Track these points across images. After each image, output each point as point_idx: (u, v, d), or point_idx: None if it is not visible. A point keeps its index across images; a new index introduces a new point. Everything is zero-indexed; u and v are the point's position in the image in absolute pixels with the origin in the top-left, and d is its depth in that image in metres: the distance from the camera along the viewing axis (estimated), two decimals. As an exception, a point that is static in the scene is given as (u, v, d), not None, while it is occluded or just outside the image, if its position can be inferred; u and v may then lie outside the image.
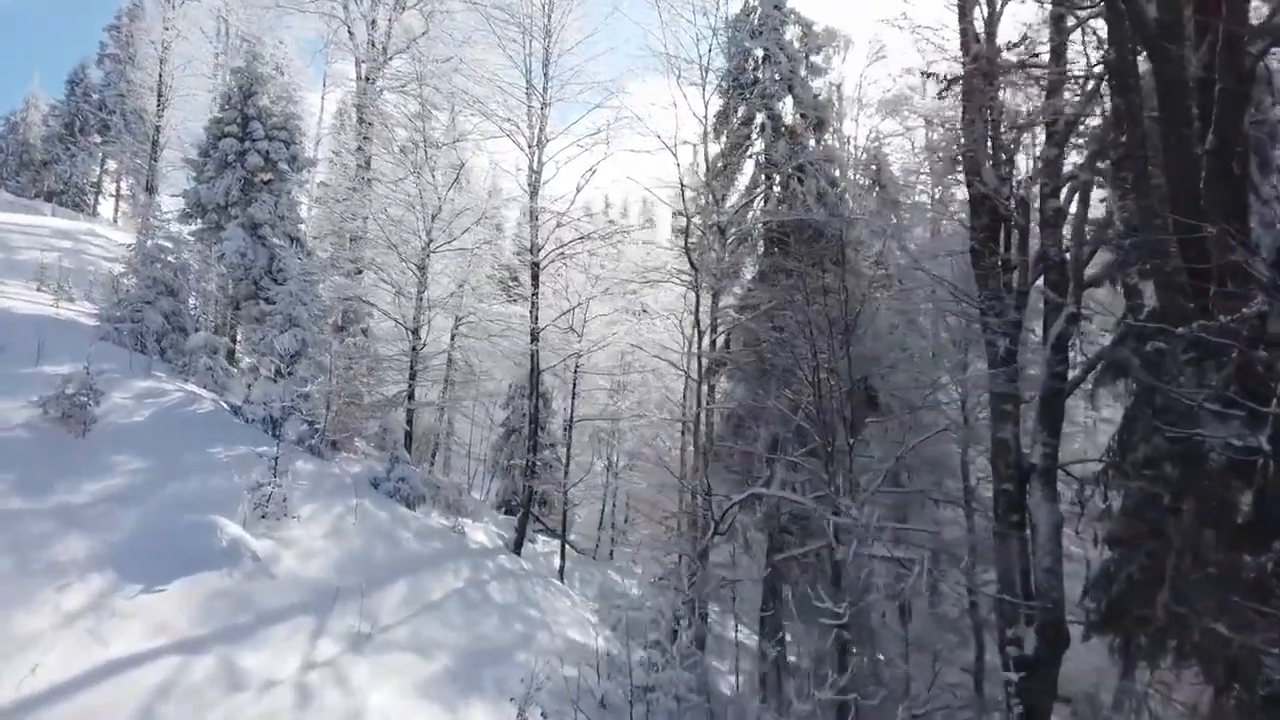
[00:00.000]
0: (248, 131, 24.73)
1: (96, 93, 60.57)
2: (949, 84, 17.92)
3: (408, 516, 17.67)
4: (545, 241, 21.87)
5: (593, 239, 22.20)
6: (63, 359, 16.33)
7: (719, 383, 22.45)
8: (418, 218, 22.59)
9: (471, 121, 23.87)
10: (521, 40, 22.14)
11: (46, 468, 12.38)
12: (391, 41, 27.27)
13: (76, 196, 59.79)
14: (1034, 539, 16.39)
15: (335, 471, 17.80)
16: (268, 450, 16.33)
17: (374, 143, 27.69)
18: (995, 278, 17.38)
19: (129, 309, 19.92)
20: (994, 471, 17.02)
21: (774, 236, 23.83)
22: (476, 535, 19.31)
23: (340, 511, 15.68)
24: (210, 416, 17.03)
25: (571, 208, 22.53)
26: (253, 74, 25.18)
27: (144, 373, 17.46)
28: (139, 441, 14.34)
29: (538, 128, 22.13)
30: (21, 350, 15.69)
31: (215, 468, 14.77)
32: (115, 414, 14.74)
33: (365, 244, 25.62)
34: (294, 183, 25.26)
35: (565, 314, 22.17)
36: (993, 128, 17.99)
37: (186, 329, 20.96)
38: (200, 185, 24.35)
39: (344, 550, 14.27)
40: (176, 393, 17.25)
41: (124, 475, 13.17)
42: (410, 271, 23.92)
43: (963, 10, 18.21)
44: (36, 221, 35.22)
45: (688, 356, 22.07)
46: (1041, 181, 17.24)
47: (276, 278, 24.17)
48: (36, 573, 9.88)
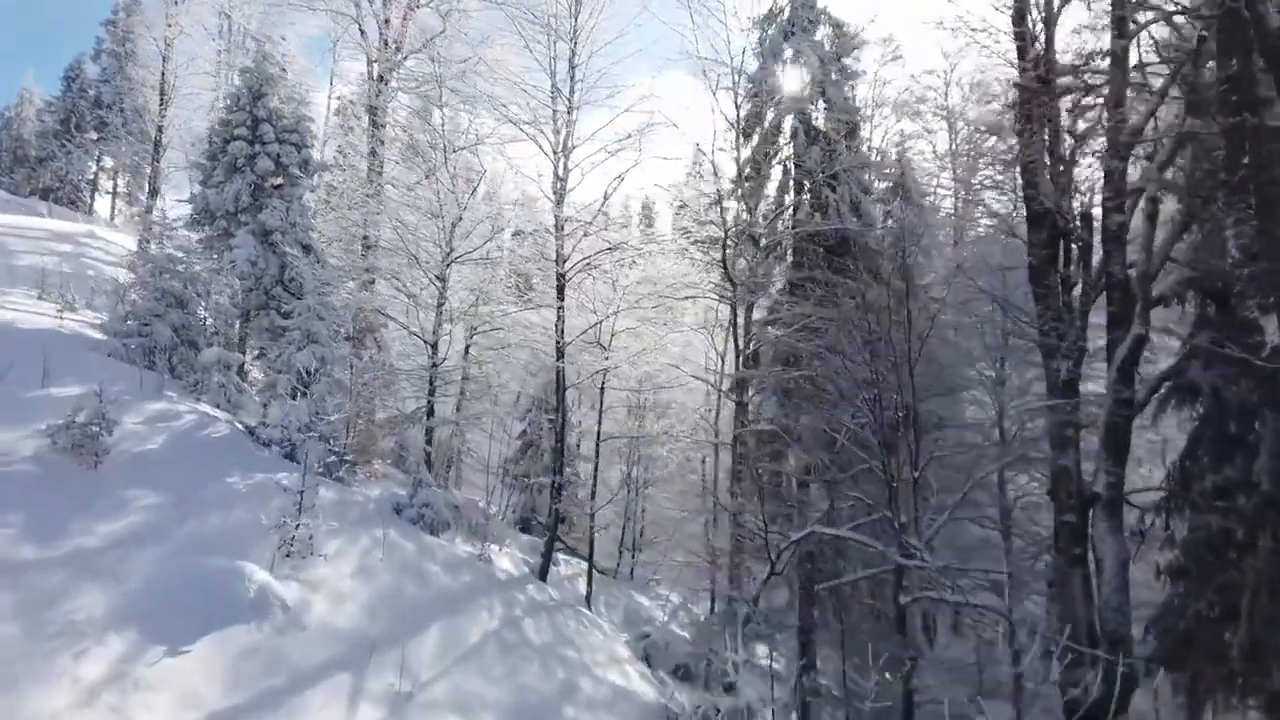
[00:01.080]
0: (258, 134, 23.69)
1: (93, 88, 59.46)
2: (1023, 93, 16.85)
3: (433, 546, 16.75)
4: (571, 252, 20.92)
5: (622, 249, 21.18)
6: (70, 379, 15.42)
7: (751, 400, 21.50)
8: (437, 226, 21.58)
9: (490, 125, 22.81)
10: (546, 41, 21.15)
11: (57, 507, 11.45)
12: (406, 40, 26.27)
13: (72, 194, 58.68)
14: (1098, 574, 15.55)
15: (358, 498, 16.87)
16: (288, 479, 15.48)
17: (386, 146, 26.77)
18: (1055, 296, 16.52)
19: (137, 322, 18.97)
20: (1055, 502, 16.12)
21: (804, 247, 22.96)
22: (502, 563, 18.40)
23: (366, 545, 14.77)
24: (226, 441, 16.09)
25: (598, 216, 21.55)
26: (262, 74, 24.14)
27: (155, 393, 16.52)
28: (154, 473, 13.40)
29: (563, 133, 21.16)
30: (26, 371, 14.74)
31: (235, 500, 13.85)
32: (128, 441, 13.79)
33: (379, 252, 24.62)
34: (306, 187, 24.25)
35: (592, 328, 21.21)
36: (1051, 138, 17.11)
37: (197, 343, 20.01)
38: (209, 190, 23.32)
39: (373, 590, 13.35)
40: (190, 415, 16.31)
41: (139, 513, 12.24)
42: (429, 282, 22.94)
43: (1019, 13, 17.30)
44: (34, 224, 34.23)
45: (720, 374, 21.17)
46: (1104, 195, 16.33)
47: (289, 287, 23.18)
48: (51, 636, 8.96)
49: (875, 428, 13.24)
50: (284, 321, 19.16)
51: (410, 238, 21.58)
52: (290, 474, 15.85)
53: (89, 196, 60.86)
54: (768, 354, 22.34)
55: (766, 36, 25.23)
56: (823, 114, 24.20)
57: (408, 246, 21.52)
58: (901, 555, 12.79)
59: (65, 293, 24.85)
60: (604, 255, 21.26)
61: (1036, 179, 16.67)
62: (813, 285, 21.53)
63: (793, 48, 24.26)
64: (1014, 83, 17.27)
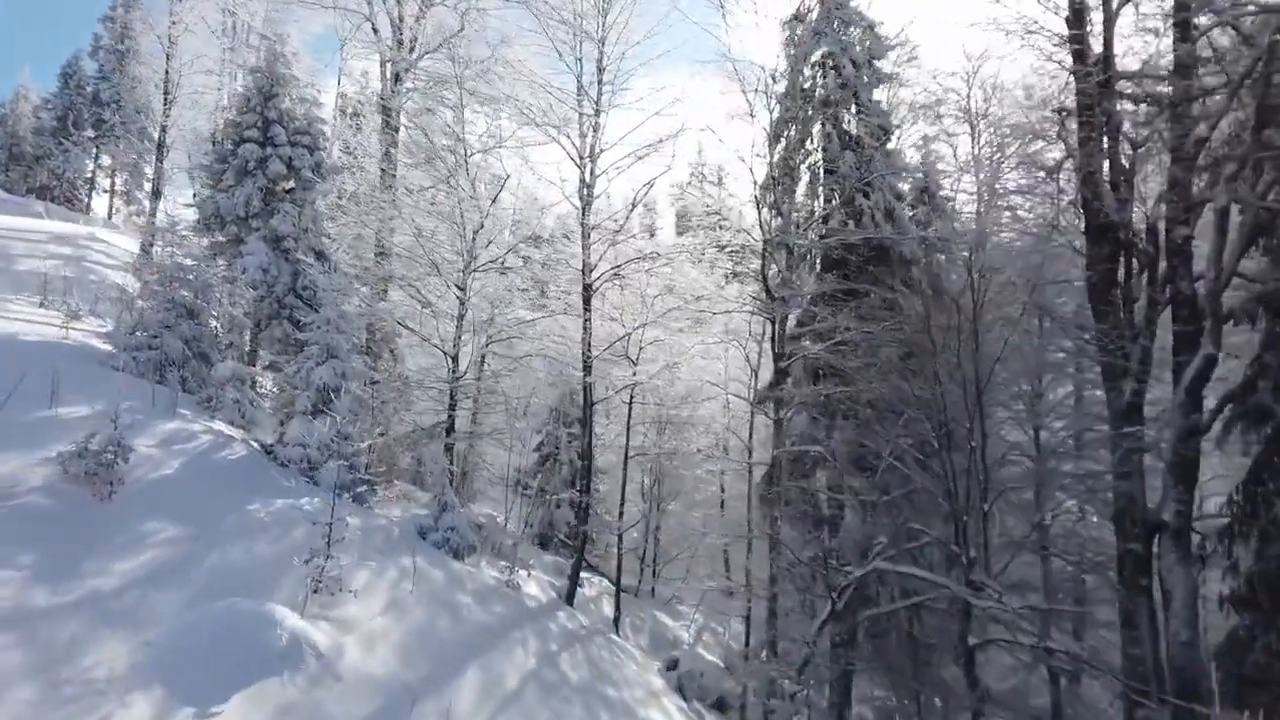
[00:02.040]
0: (269, 136, 22.82)
1: (90, 85, 58.48)
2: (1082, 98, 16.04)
3: (461, 574, 15.91)
4: (598, 261, 20.06)
5: (652, 258, 20.28)
6: (79, 397, 14.61)
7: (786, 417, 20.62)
8: (457, 233, 20.71)
9: (510, 128, 21.93)
10: (573, 42, 20.29)
11: (70, 543, 10.61)
12: (421, 39, 25.39)
13: (69, 192, 57.71)
14: (1166, 605, 14.77)
15: (381, 523, 16.02)
16: (310, 504, 14.66)
17: (400, 148, 25.89)
18: (1117, 313, 15.74)
19: (146, 334, 18.10)
20: (1118, 530, 15.33)
21: (840, 257, 22.12)
22: (529, 588, 17.56)
23: (394, 576, 13.93)
24: (244, 464, 15.22)
25: (626, 223, 20.70)
26: (273, 74, 23.26)
27: (168, 411, 15.65)
28: (171, 502, 12.54)
29: (590, 136, 20.29)
30: (33, 389, 13.85)
31: (257, 530, 13.01)
32: (142, 466, 12.92)
33: (394, 259, 23.74)
34: (319, 192, 23.37)
35: (620, 340, 20.35)
36: (1111, 146, 16.32)
37: (208, 355, 19.15)
38: (218, 195, 22.43)
39: (406, 628, 12.51)
40: (205, 435, 15.44)
41: (158, 547, 11.38)
42: (445, 290, 22.09)
43: (1077, 13, 16.52)
44: (33, 225, 33.26)
45: (753, 388, 20.33)
46: (1168, 206, 15.54)
47: (302, 295, 22.34)
48: (69, 699, 8.13)
49: (940, 457, 12.40)
50: (301, 335, 18.28)
51: (430, 245, 20.67)
52: (312, 498, 15.09)
53: (86, 195, 59.90)
54: (799, 368, 21.51)
55: (795, 37, 24.41)
56: (854, 118, 23.36)
57: (428, 254, 20.60)
58: (970, 592, 11.95)
59: (68, 299, 24.01)
60: (633, 264, 20.36)
61: (1099, 189, 15.88)
62: (848, 296, 20.73)
63: (824, 48, 23.42)
64: (1077, 88, 16.42)
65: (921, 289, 19.48)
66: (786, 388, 20.13)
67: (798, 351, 19.92)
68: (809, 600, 19.16)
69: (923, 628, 19.48)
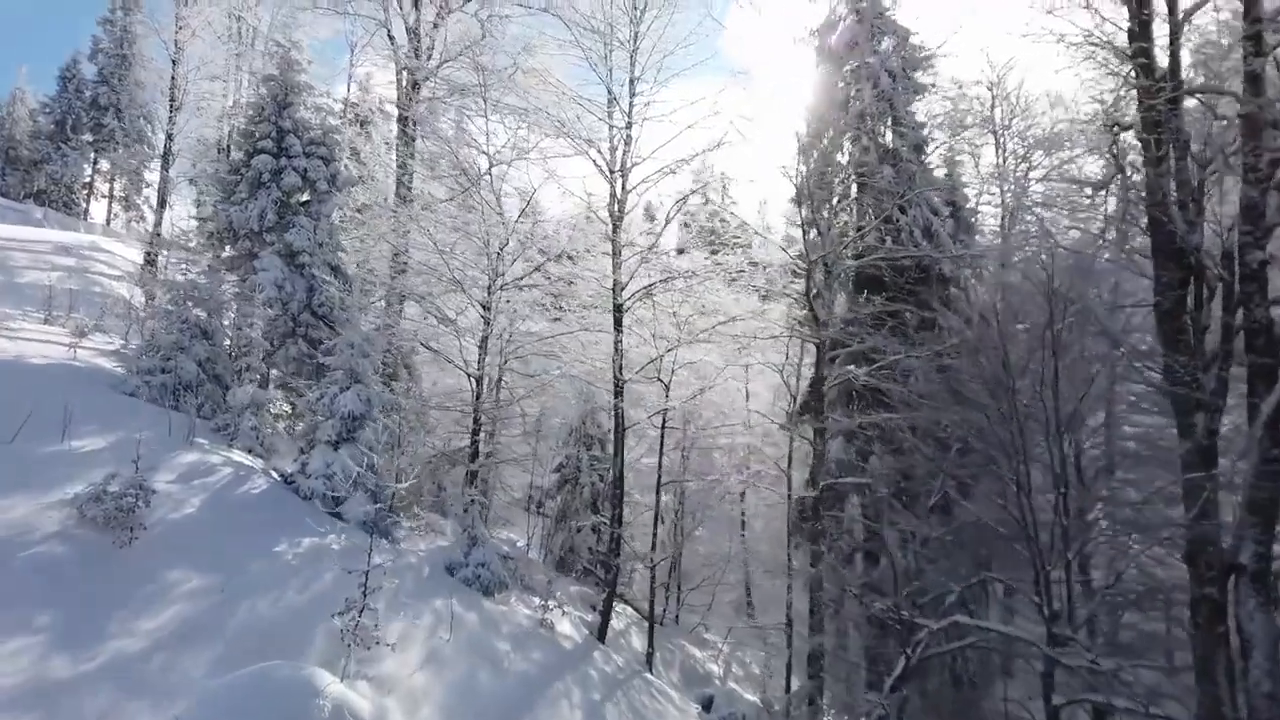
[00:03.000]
0: (283, 147, 21.98)
1: (89, 89, 57.65)
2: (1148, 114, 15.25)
3: (495, 614, 15.07)
4: (629, 279, 19.21)
5: (687, 277, 19.36)
6: (91, 427, 13.80)
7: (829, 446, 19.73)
8: (481, 250, 19.87)
9: (533, 139, 21.03)
10: (603, 52, 19.44)
11: (91, 600, 9.76)
12: (441, 47, 24.57)
13: (66, 196, 56.87)
14: (1244, 655, 13.93)
15: (411, 560, 15.20)
16: (338, 542, 13.85)
17: (417, 159, 25.08)
18: (1186, 342, 14.91)
19: (158, 356, 17.23)
20: (1191, 573, 14.49)
21: (871, 275, 21.35)
22: (563, 626, 16.71)
23: (430, 623, 13.10)
24: (266, 498, 14.37)
25: (659, 240, 19.87)
26: (287, 82, 22.44)
27: (184, 441, 14.79)
28: (194, 546, 11.69)
29: (620, 149, 19.44)
30: (43, 419, 13.02)
31: (286, 576, 12.16)
32: (162, 506, 12.06)
33: (412, 275, 22.89)
34: (334, 205, 22.52)
35: (652, 362, 19.49)
36: (1178, 166, 15.51)
37: (222, 377, 18.31)
38: (231, 207, 21.55)
39: (447, 685, 11.68)
40: (224, 467, 14.58)
41: (184, 601, 10.52)
42: (466, 306, 21.27)
43: (1143, 25, 15.71)
44: (35, 235, 32.45)
45: (793, 414, 19.51)
46: (1241, 229, 14.72)
47: (318, 312, 21.52)
48: (100, 793, 7.26)
49: (1020, 502, 11.57)
50: (323, 359, 17.44)
51: (456, 263, 19.79)
52: (339, 535, 14.30)
53: (84, 200, 59.04)
54: (835, 392, 20.67)
55: (827, 46, 23.67)
56: (890, 130, 22.59)
57: (452, 272, 19.73)
58: (1058, 650, 11.11)
59: (74, 314, 23.19)
60: (665, 282, 19.48)
61: (1168, 210, 15.07)
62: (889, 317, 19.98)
63: (856, 60, 22.64)
64: (1142, 104, 15.61)
65: (995, 312, 18.58)
66: (828, 413, 19.26)
67: (840, 375, 19.08)
68: (857, 638, 18.31)
69: (967, 666, 18.70)
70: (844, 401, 21.26)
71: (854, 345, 19.94)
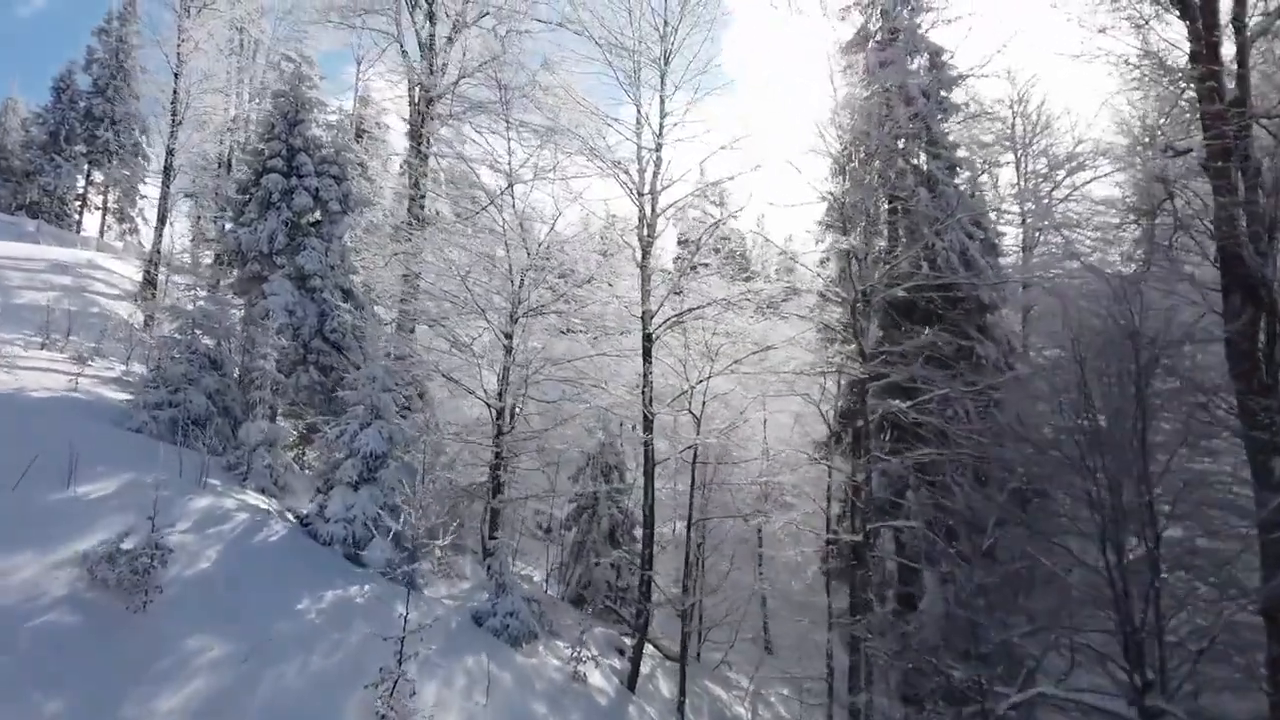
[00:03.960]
0: (294, 166, 21.11)
1: (84, 100, 56.68)
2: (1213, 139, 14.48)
3: (527, 669, 14.18)
4: (658, 308, 18.34)
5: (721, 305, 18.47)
6: (99, 469, 12.91)
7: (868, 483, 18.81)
8: (504, 276, 18.99)
9: (551, 158, 20.15)
10: (631, 69, 18.62)
11: (105, 677, 8.85)
12: (459, 61, 23.74)
13: (58, 209, 55.83)
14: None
15: (439, 611, 14.26)
16: (362, 595, 12.95)
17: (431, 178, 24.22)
18: (1259, 379, 14.12)
19: (165, 389, 16.30)
20: (1269, 628, 13.64)
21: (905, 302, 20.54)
22: (594, 677, 15.81)
23: (463, 684, 12.20)
24: (284, 547, 13.43)
25: (689, 267, 18.97)
26: (299, 98, 21.58)
27: (197, 484, 13.87)
28: (213, 607, 10.77)
29: (649, 171, 18.61)
30: (47, 461, 12.09)
31: (312, 638, 11.24)
32: (178, 561, 11.12)
33: (423, 298, 22.02)
34: (346, 225, 21.64)
35: (683, 394, 18.60)
36: (1248, 195, 14.75)
37: (232, 410, 17.39)
38: (240, 229, 20.64)
39: (489, 756, 10.76)
40: (239, 512, 13.64)
41: (205, 673, 9.59)
42: (485, 333, 20.40)
43: (1211, 46, 14.95)
44: (31, 253, 31.39)
45: (831, 447, 18.64)
46: (1316, 262, 13.98)
47: (329, 338, 20.62)
48: None
49: (1106, 559, 10.69)
50: (344, 394, 16.52)
51: (478, 289, 18.89)
52: (362, 585, 13.43)
53: (77, 213, 57.99)
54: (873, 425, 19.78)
55: (857, 63, 22.91)
56: (924, 151, 21.82)
57: (475, 299, 18.83)
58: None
59: (72, 337, 22.24)
60: (696, 310, 18.57)
61: (1239, 240, 14.30)
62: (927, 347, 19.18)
63: (889, 78, 21.83)
64: (1207, 130, 14.84)
65: (1075, 353, 17.59)
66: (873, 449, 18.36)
67: (883, 409, 18.19)
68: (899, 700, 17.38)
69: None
70: (877, 435, 20.41)
71: (894, 377, 19.06)
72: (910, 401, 18.00)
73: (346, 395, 16.01)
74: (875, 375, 19.20)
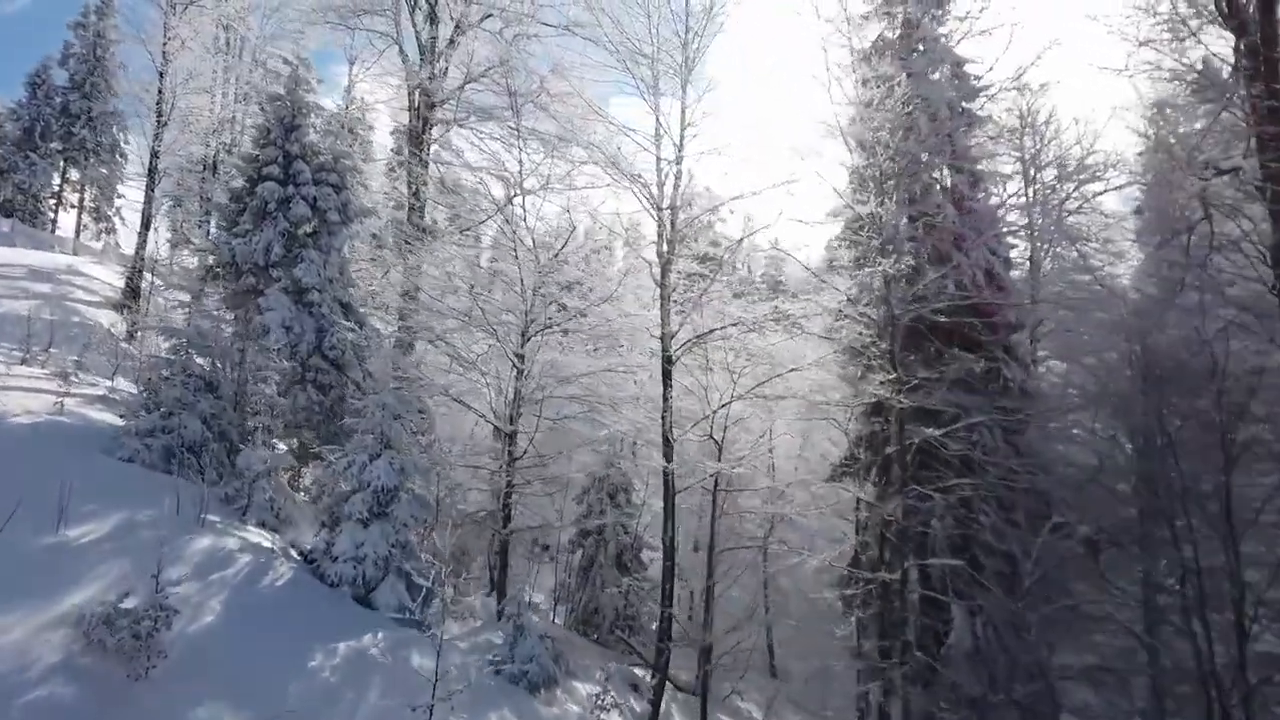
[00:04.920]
0: (291, 174, 20.06)
1: (60, 95, 55.12)
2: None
3: (550, 720, 13.30)
4: (679, 328, 17.48)
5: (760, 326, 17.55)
6: (90, 508, 11.91)
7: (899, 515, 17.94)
8: (518, 292, 18.07)
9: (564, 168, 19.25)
10: (651, 77, 17.75)
11: (106, 760, 7.87)
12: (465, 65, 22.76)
13: (34, 206, 54.28)
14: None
15: (455, 659, 13.28)
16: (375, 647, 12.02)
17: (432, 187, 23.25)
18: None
19: (158, 413, 15.25)
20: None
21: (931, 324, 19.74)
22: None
23: (491, 746, 11.28)
24: (291, 592, 12.50)
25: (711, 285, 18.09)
26: (296, 102, 20.54)
27: (196, 521, 12.87)
28: (220, 668, 9.82)
29: (669, 184, 17.74)
30: (35, 498, 11.06)
31: (327, 699, 10.35)
32: (181, 616, 10.09)
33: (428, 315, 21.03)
34: (346, 237, 20.64)
35: (705, 419, 17.75)
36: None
37: (229, 435, 16.34)
38: (234, 240, 19.58)
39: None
40: (242, 553, 12.68)
41: (216, 749, 8.64)
42: (491, 350, 19.48)
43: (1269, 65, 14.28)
44: (7, 257, 30.09)
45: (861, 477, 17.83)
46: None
47: (328, 355, 19.61)
48: None
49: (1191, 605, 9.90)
50: (349, 421, 15.58)
51: (490, 306, 17.94)
52: (375, 633, 12.52)
53: (52, 211, 56.42)
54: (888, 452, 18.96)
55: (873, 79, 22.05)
56: (947, 165, 21.05)
57: (487, 317, 17.88)
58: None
59: (54, 350, 21.14)
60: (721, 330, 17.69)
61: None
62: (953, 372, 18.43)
63: (911, 89, 21.01)
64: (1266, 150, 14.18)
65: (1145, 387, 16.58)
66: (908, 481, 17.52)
67: (916, 437, 17.35)
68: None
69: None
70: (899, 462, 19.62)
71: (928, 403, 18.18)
72: (942, 429, 17.18)
73: (353, 422, 15.03)
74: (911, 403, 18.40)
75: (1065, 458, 17.48)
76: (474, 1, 23.05)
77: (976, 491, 17.33)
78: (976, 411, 17.66)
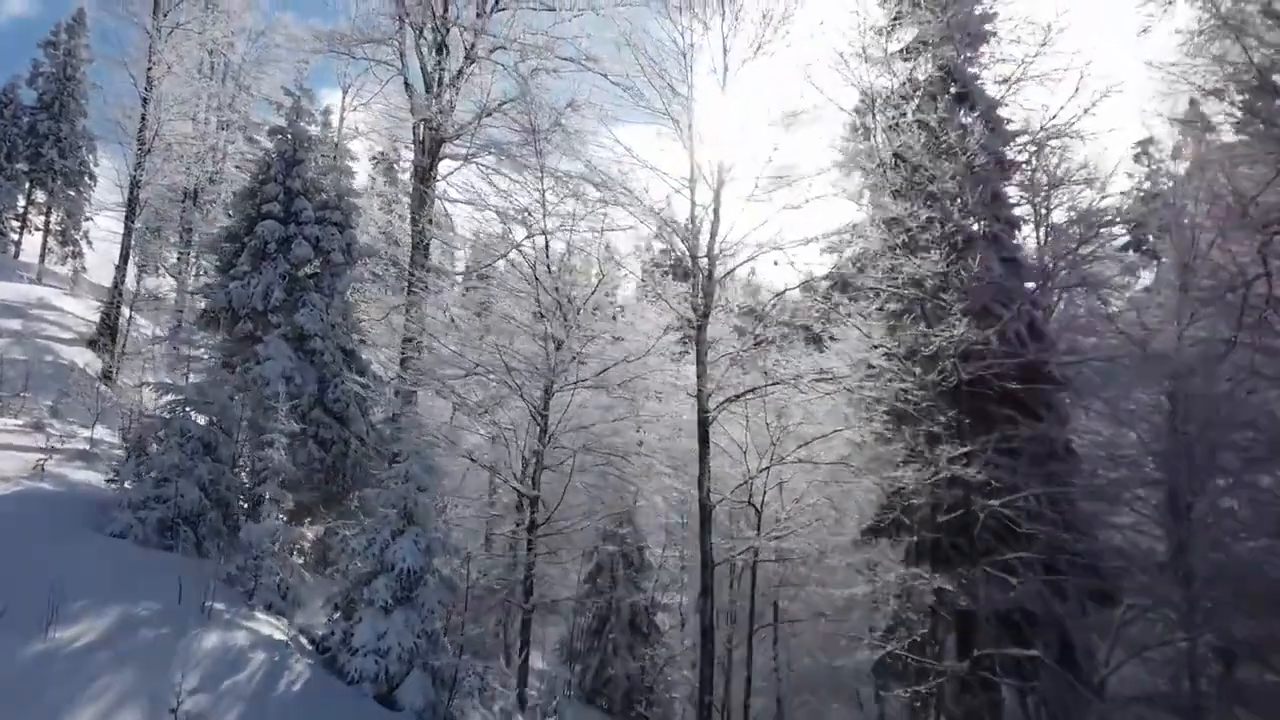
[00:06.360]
0: (292, 211, 18.75)
1: (27, 115, 53.22)
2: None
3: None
4: (714, 389, 16.25)
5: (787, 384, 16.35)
6: (82, 603, 10.54)
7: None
8: (539, 344, 16.80)
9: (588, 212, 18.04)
10: (688, 118, 16.63)
11: None
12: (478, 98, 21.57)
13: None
14: None
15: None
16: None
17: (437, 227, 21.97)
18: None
19: (151, 482, 13.75)
20: None
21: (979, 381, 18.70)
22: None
23: None
24: (310, 693, 11.07)
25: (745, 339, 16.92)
26: (299, 136, 19.29)
27: (200, 611, 11.42)
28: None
29: (705, 233, 16.58)
30: (20, 593, 9.69)
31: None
32: (191, 739, 8.72)
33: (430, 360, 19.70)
34: (350, 279, 19.32)
35: (743, 485, 16.51)
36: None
37: (229, 502, 14.87)
38: (232, 283, 18.16)
39: None
40: (254, 650, 11.23)
41: None
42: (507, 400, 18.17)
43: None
44: (-25, 292, 28.40)
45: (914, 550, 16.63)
46: None
47: (332, 409, 18.24)
48: None
49: None
50: (369, 491, 14.19)
51: (514, 361, 16.60)
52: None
53: (17, 232, 54.31)
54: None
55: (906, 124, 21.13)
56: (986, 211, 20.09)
57: (512, 378, 16.52)
58: None
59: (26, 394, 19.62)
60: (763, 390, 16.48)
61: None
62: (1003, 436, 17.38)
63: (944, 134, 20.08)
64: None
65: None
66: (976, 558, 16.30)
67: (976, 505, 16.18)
68: None
69: None
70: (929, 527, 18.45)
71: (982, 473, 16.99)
72: (1000, 500, 16.06)
73: (373, 494, 13.63)
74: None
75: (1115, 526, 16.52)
76: (485, 32, 21.87)
77: (1033, 566, 16.14)
78: (1028, 479, 16.55)
